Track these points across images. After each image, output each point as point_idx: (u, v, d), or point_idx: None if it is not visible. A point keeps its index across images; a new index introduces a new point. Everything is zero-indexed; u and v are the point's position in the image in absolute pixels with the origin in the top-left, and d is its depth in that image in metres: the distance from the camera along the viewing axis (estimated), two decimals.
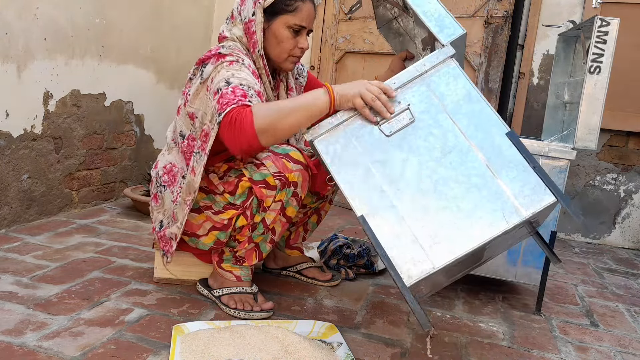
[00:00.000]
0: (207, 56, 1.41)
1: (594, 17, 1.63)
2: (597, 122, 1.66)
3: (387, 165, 1.19)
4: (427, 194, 1.16)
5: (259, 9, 1.43)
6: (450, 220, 1.13)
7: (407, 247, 1.11)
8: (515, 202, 1.14)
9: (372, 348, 1.35)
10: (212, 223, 1.46)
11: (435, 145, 1.21)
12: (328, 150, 1.21)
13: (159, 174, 1.53)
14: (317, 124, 1.23)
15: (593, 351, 1.47)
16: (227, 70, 1.34)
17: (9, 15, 1.93)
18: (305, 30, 1.48)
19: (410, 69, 1.25)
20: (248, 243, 1.49)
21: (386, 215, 1.14)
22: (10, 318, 1.31)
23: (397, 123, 1.23)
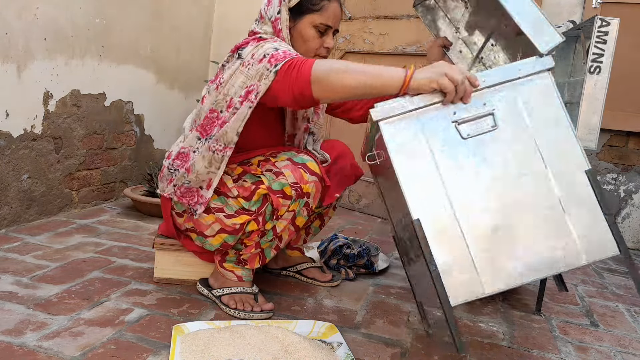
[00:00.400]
0: (245, 41, 1.40)
1: (593, 17, 1.63)
2: (597, 122, 1.66)
3: (456, 172, 1.09)
4: (493, 214, 1.08)
5: (284, 7, 1.44)
6: (510, 248, 1.07)
7: (461, 266, 1.04)
8: (578, 246, 1.09)
9: (372, 348, 1.35)
10: (222, 226, 1.45)
11: (512, 163, 1.11)
12: (395, 136, 1.10)
13: (171, 163, 1.50)
14: (385, 101, 1.12)
15: (593, 351, 1.47)
16: (272, 43, 1.34)
17: (9, 15, 1.93)
18: (332, 29, 1.48)
19: (501, 70, 1.14)
20: (255, 248, 1.49)
21: (445, 226, 1.06)
22: (10, 318, 1.31)
23: (477, 126, 1.12)
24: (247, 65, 1.34)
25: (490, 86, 1.13)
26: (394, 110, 1.11)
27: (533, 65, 1.14)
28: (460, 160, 1.10)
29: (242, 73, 1.35)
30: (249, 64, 1.34)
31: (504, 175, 1.10)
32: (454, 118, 1.12)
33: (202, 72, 3.29)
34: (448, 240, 1.06)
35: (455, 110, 1.13)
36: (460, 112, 1.13)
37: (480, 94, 1.13)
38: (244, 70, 1.35)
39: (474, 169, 1.10)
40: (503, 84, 1.13)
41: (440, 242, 1.05)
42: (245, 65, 1.35)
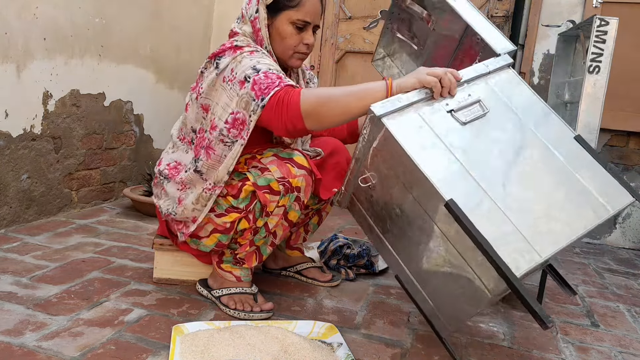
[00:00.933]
0: (222, 49, 1.40)
1: (593, 17, 1.63)
2: (597, 122, 1.66)
3: (469, 153, 1.14)
4: (518, 186, 1.13)
5: (261, 5, 1.43)
6: (544, 212, 1.11)
7: (509, 237, 1.04)
8: (600, 199, 1.17)
9: (372, 348, 1.34)
10: (214, 225, 1.45)
11: (513, 139, 1.20)
12: (400, 130, 1.13)
13: (161, 170, 1.52)
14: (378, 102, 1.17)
15: (594, 351, 1.46)
16: (250, 59, 1.34)
17: (9, 15, 1.93)
18: (310, 25, 1.46)
19: (474, 67, 1.28)
20: (249, 246, 1.48)
21: (478, 202, 1.07)
22: (9, 318, 1.31)
23: (470, 113, 1.21)
24: (227, 82, 1.35)
25: (467, 80, 1.26)
26: (391, 105, 1.16)
27: (497, 61, 1.32)
28: (468, 142, 1.16)
29: (223, 89, 1.36)
30: (229, 81, 1.34)
31: (512, 150, 1.18)
32: (447, 109, 1.20)
33: None
34: (486, 214, 1.07)
35: (447, 102, 1.21)
36: (451, 103, 1.21)
37: (461, 88, 1.25)
38: (225, 87, 1.35)
39: (483, 148, 1.17)
40: (478, 78, 1.28)
41: (479, 217, 1.05)
42: (225, 81, 1.35)
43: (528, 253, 1.03)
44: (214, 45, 3.33)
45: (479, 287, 1.08)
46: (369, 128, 1.18)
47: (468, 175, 1.11)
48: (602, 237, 2.84)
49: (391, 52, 1.85)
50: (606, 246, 2.80)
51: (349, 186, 1.35)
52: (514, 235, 1.05)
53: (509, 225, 1.06)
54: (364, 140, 1.21)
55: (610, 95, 1.73)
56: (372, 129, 1.18)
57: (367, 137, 1.20)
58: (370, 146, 1.21)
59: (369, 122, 1.17)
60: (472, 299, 1.10)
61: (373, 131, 1.18)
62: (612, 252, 2.69)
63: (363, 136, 1.21)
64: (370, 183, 1.26)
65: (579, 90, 1.70)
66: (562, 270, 2.25)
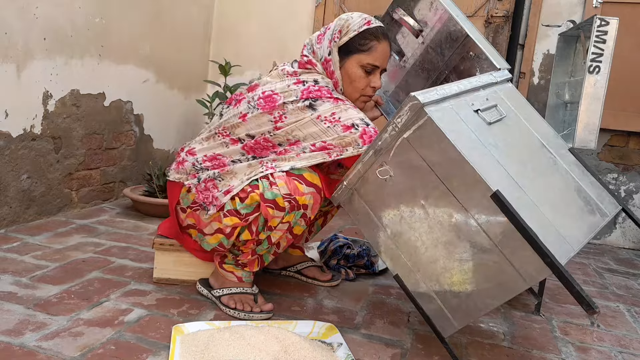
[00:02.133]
0: (317, 95, 1.41)
1: (593, 17, 1.63)
2: (597, 122, 1.66)
3: (500, 150, 1.19)
4: (542, 185, 1.20)
5: (334, 47, 1.47)
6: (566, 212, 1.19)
7: (548, 231, 1.10)
8: (601, 206, 1.28)
9: (372, 348, 1.34)
10: (219, 225, 1.44)
11: (529, 143, 1.29)
12: (443, 120, 1.14)
13: (199, 160, 1.47)
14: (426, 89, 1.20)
15: (594, 351, 1.46)
16: (357, 112, 1.41)
17: (9, 15, 1.93)
18: (379, 69, 1.50)
19: (484, 76, 1.38)
20: (251, 255, 1.48)
21: (517, 196, 1.11)
22: (9, 318, 1.31)
23: (491, 114, 1.27)
24: (325, 122, 1.38)
25: (483, 86, 1.33)
26: (433, 95, 1.18)
27: (501, 75, 1.44)
28: (496, 140, 1.21)
29: (315, 125, 1.39)
30: (328, 121, 1.38)
31: (528, 153, 1.26)
32: (474, 108, 1.25)
33: (202, 71, 3.28)
34: (525, 207, 1.11)
35: (472, 102, 1.25)
36: (475, 103, 1.26)
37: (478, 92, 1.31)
38: (319, 124, 1.39)
39: (508, 147, 1.22)
40: (489, 86, 1.36)
41: (520, 209, 1.08)
42: (320, 119, 1.38)
43: (564, 246, 1.10)
44: (214, 45, 3.33)
45: (513, 276, 1.10)
46: (405, 117, 1.16)
47: (504, 170, 1.15)
48: (602, 237, 2.84)
49: None
50: (606, 246, 2.80)
51: (353, 180, 1.33)
52: (551, 229, 1.11)
53: (545, 220, 1.12)
54: (394, 130, 1.19)
55: (610, 95, 1.73)
56: (410, 117, 1.16)
57: (400, 126, 1.18)
58: (400, 136, 1.19)
59: (409, 110, 1.15)
60: (502, 290, 1.13)
61: (410, 120, 1.16)
62: (612, 252, 2.69)
63: (393, 125, 1.19)
64: (387, 176, 1.25)
65: (579, 90, 1.70)
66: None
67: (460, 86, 1.27)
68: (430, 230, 1.21)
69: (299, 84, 1.42)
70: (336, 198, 1.37)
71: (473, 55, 1.59)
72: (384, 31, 1.52)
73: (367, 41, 1.47)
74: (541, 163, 1.28)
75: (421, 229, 1.23)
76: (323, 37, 1.50)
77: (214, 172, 1.44)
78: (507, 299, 1.13)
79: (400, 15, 1.73)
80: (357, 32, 1.47)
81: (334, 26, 1.50)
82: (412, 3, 1.72)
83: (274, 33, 3.22)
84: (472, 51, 1.60)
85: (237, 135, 1.44)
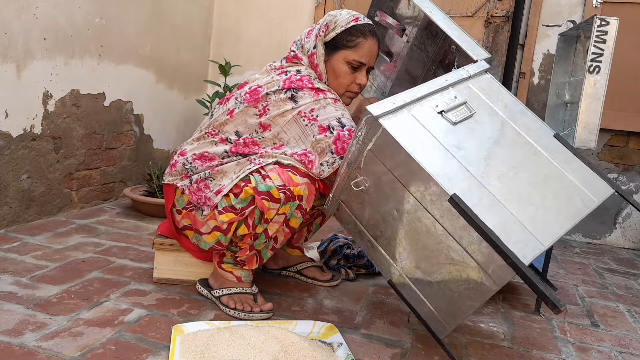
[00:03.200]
0: (299, 84, 1.42)
1: (593, 17, 1.63)
2: (597, 122, 1.66)
3: (464, 150, 1.18)
4: (511, 180, 1.18)
5: (320, 41, 1.49)
6: (538, 205, 1.16)
7: (512, 229, 1.09)
8: (586, 192, 1.24)
9: (372, 348, 1.34)
10: (216, 223, 1.45)
11: (502, 136, 1.26)
12: (397, 129, 1.16)
13: (188, 160, 1.48)
14: (372, 104, 1.19)
15: (594, 351, 1.46)
16: (335, 108, 1.41)
17: (9, 15, 1.93)
18: (365, 67, 1.51)
19: (456, 72, 1.35)
20: (249, 250, 1.48)
21: (480, 196, 1.11)
22: (9, 318, 1.31)
23: (458, 113, 1.26)
24: (303, 118, 1.40)
25: (452, 84, 1.31)
26: (385, 106, 1.18)
27: (476, 67, 1.40)
28: (460, 141, 1.20)
29: (296, 122, 1.41)
30: (306, 119, 1.40)
31: (501, 147, 1.23)
32: (437, 110, 1.24)
33: (202, 71, 3.29)
34: (488, 207, 1.10)
35: (436, 104, 1.25)
36: (440, 105, 1.25)
37: (446, 91, 1.29)
38: (300, 122, 1.40)
39: (475, 146, 1.21)
40: (460, 82, 1.34)
41: (482, 210, 1.08)
42: (300, 115, 1.40)
43: (531, 242, 1.08)
44: (214, 45, 3.34)
45: (484, 280, 1.10)
46: (364, 130, 1.19)
47: (466, 171, 1.14)
48: (602, 237, 2.84)
49: None
50: (606, 246, 2.80)
51: (337, 192, 1.36)
52: (516, 226, 1.09)
53: (510, 218, 1.11)
54: (358, 143, 1.22)
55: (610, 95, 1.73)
56: (368, 130, 1.18)
57: (362, 139, 1.21)
58: (364, 149, 1.22)
59: (365, 124, 1.18)
60: (477, 292, 1.12)
61: (369, 133, 1.19)
62: (612, 252, 2.69)
63: (357, 139, 1.22)
64: (363, 187, 1.27)
65: (579, 90, 1.69)
66: (563, 270, 2.25)
67: (423, 89, 1.26)
68: (407, 236, 1.23)
69: (282, 74, 1.46)
70: (327, 209, 1.42)
71: (454, 48, 1.57)
72: (372, 29, 1.52)
73: (353, 37, 1.48)
74: (515, 156, 1.24)
75: (400, 236, 1.25)
76: (312, 32, 1.54)
77: (205, 173, 1.46)
78: (484, 300, 1.13)
79: (380, 17, 1.74)
80: (344, 28, 1.48)
81: (322, 21, 1.53)
82: (392, 3, 1.74)
83: (274, 33, 3.23)
84: (453, 44, 1.58)
85: (226, 134, 1.47)
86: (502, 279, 1.07)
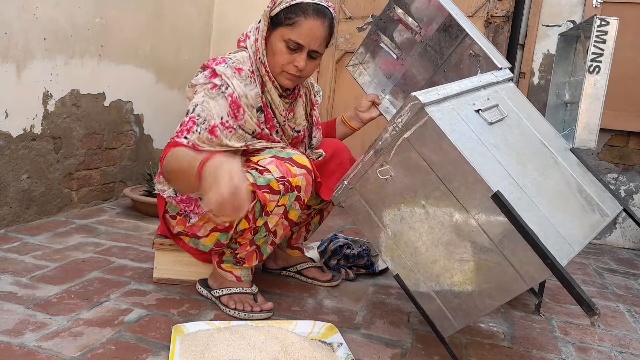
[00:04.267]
0: (208, 64, 1.44)
1: (593, 17, 1.63)
2: (597, 122, 1.66)
3: (501, 150, 1.18)
4: (542, 185, 1.19)
5: (264, 16, 1.44)
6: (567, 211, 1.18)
7: (548, 231, 1.09)
8: (602, 206, 1.29)
9: (372, 348, 1.34)
10: (214, 224, 1.45)
11: (529, 143, 1.28)
12: (444, 120, 1.13)
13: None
14: (428, 89, 1.17)
15: (594, 351, 1.46)
16: (203, 95, 1.39)
17: (9, 15, 1.93)
18: (305, 49, 1.41)
19: (485, 75, 1.37)
20: (250, 245, 1.48)
21: (518, 196, 1.10)
22: (9, 318, 1.31)
23: (492, 114, 1.26)
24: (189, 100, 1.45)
25: (484, 85, 1.32)
26: (434, 95, 1.17)
27: (503, 74, 1.43)
28: (496, 141, 1.20)
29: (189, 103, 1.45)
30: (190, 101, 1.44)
31: (529, 154, 1.25)
32: (475, 108, 1.24)
33: None
34: (525, 208, 1.09)
35: (473, 102, 1.25)
36: (477, 103, 1.26)
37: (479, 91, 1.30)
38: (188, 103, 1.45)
39: (508, 148, 1.21)
40: (490, 85, 1.35)
41: (521, 210, 1.07)
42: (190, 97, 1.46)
43: (565, 247, 1.10)
44: (214, 45, 3.34)
45: (513, 279, 1.09)
46: (406, 116, 1.16)
47: (504, 171, 1.14)
48: (602, 237, 2.84)
49: (365, 60, 1.92)
50: (606, 246, 2.80)
51: (355, 180, 1.30)
52: (550, 229, 1.10)
53: (545, 220, 1.11)
54: (395, 130, 1.18)
55: (610, 95, 1.73)
56: (410, 117, 1.15)
57: (401, 127, 1.17)
58: (400, 136, 1.19)
59: (409, 110, 1.14)
60: (502, 290, 1.12)
61: (411, 120, 1.16)
62: (612, 252, 2.69)
63: (394, 125, 1.18)
64: (388, 175, 1.24)
65: (579, 90, 1.70)
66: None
67: (461, 86, 1.26)
68: (431, 230, 1.21)
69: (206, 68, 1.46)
70: (336, 197, 1.36)
71: (473, 53, 1.59)
72: (319, 9, 1.40)
73: (293, 15, 1.38)
74: (542, 163, 1.27)
75: (421, 229, 1.22)
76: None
77: None
78: (507, 299, 1.13)
79: (398, 14, 1.73)
80: (288, 5, 1.39)
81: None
82: (410, 1, 1.72)
83: None
84: (472, 50, 1.60)
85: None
86: (534, 279, 1.07)
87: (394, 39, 1.82)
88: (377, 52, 1.87)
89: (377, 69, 1.91)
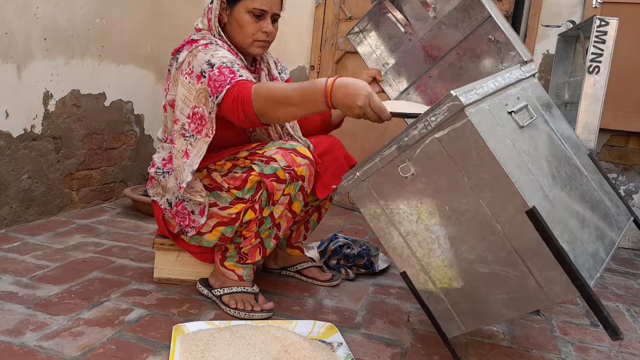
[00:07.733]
0: (180, 45, 1.47)
1: (593, 17, 1.63)
2: (597, 122, 1.66)
3: (532, 158, 1.12)
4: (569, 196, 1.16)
5: None
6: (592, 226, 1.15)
7: (577, 248, 1.05)
8: (618, 219, 1.29)
9: (372, 348, 1.34)
10: (218, 219, 1.46)
11: (556, 150, 1.25)
12: (482, 124, 1.04)
13: (159, 167, 1.55)
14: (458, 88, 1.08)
15: (593, 351, 1.47)
16: (204, 53, 1.39)
17: (9, 15, 1.93)
18: (268, 14, 1.49)
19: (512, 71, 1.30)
20: (254, 238, 1.49)
21: (549, 210, 1.06)
22: (10, 318, 1.31)
23: (523, 116, 1.20)
24: (186, 75, 1.41)
25: (513, 82, 1.25)
26: (472, 96, 1.08)
27: (529, 69, 1.36)
28: (527, 147, 1.15)
29: (182, 84, 1.42)
30: (187, 75, 1.40)
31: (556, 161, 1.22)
32: (508, 109, 1.17)
33: None
34: (556, 224, 1.05)
35: (505, 102, 1.19)
36: (509, 104, 1.20)
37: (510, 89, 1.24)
38: (184, 81, 1.41)
39: (537, 155, 1.16)
40: (519, 82, 1.28)
41: (552, 227, 1.02)
42: (183, 74, 1.42)
43: (591, 266, 1.07)
44: None
45: (535, 292, 1.06)
46: (441, 116, 1.07)
47: (537, 183, 1.08)
48: None
49: (367, 28, 1.81)
50: None
51: (369, 173, 1.23)
52: (579, 247, 1.07)
53: (574, 238, 1.07)
54: (425, 128, 1.10)
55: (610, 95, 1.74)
56: (446, 117, 1.07)
57: (434, 126, 1.09)
58: (431, 135, 1.11)
59: (447, 110, 1.06)
60: (521, 303, 1.08)
61: (447, 120, 1.07)
62: None
63: (426, 123, 1.10)
64: (409, 174, 1.17)
65: (579, 90, 1.70)
66: None
67: (495, 83, 1.17)
68: (451, 235, 1.15)
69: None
70: (345, 187, 1.28)
71: (492, 39, 1.48)
72: None
73: None
74: (568, 172, 1.21)
75: (440, 232, 1.16)
76: None
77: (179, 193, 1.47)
78: (524, 312, 1.09)
79: None
80: None
81: None
82: None
83: None
84: (492, 35, 1.48)
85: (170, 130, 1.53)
86: (558, 297, 1.04)
87: (402, 11, 1.70)
88: (382, 23, 1.74)
89: (379, 41, 1.78)
